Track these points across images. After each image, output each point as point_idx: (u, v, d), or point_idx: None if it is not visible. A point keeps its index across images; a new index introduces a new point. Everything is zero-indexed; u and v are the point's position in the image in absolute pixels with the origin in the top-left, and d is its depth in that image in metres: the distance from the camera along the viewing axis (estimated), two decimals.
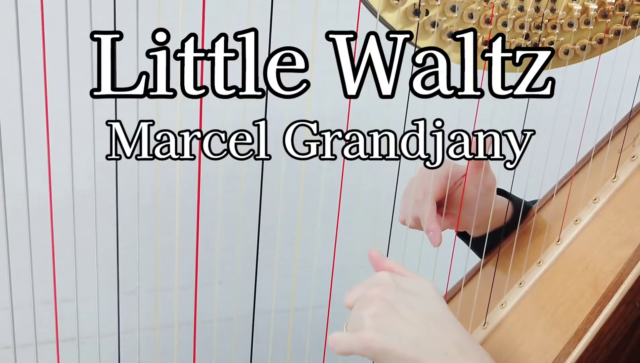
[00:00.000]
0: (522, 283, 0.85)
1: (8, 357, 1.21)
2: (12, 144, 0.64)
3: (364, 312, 0.62)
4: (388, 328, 0.61)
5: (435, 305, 0.65)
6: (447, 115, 0.68)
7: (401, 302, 0.63)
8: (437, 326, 0.63)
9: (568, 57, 0.80)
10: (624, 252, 0.78)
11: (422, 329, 0.62)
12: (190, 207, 0.75)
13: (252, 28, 0.61)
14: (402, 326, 0.61)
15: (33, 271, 0.70)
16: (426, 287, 0.66)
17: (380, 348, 0.61)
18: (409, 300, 0.63)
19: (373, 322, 0.61)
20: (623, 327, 0.74)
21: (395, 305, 0.62)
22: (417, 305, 0.63)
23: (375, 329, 0.61)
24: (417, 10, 0.72)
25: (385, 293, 0.63)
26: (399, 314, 0.62)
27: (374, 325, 0.61)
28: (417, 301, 0.64)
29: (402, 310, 0.62)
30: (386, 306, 0.62)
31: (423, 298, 0.64)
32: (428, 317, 0.63)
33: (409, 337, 0.61)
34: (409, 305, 0.63)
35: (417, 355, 0.61)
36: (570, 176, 0.93)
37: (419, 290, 0.65)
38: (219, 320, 1.29)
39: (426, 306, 0.64)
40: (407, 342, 0.61)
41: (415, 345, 0.61)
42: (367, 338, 0.61)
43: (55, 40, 0.61)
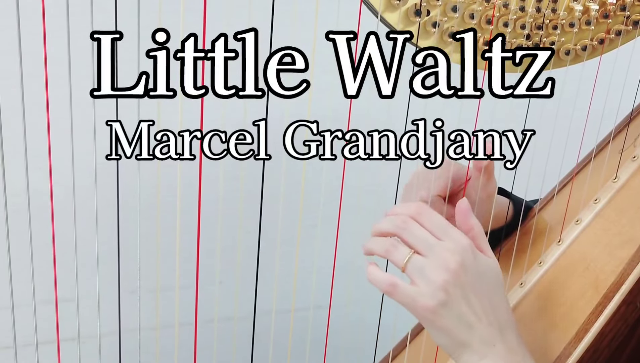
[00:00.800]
0: (523, 284, 0.85)
1: (9, 357, 1.21)
2: (13, 144, 0.64)
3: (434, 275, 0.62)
4: (453, 306, 0.62)
5: (498, 295, 0.65)
6: (447, 115, 0.68)
7: (472, 286, 0.63)
8: (494, 317, 0.63)
9: (569, 57, 0.80)
10: (624, 252, 0.78)
11: (481, 318, 0.63)
12: (190, 207, 0.75)
13: (252, 28, 0.61)
14: (465, 309, 0.62)
15: (34, 270, 0.70)
16: (495, 273, 0.66)
17: (437, 321, 0.62)
18: (479, 286, 0.63)
19: (441, 294, 0.61)
20: (624, 327, 0.74)
21: (467, 287, 0.62)
22: (484, 293, 0.63)
23: (441, 303, 0.61)
24: (419, 11, 0.72)
25: (464, 269, 0.63)
26: (467, 297, 0.62)
27: (441, 298, 0.61)
28: (485, 288, 0.64)
29: (470, 294, 0.62)
30: (460, 285, 0.62)
31: (490, 285, 0.65)
32: (489, 307, 0.63)
33: (467, 322, 0.62)
34: (478, 291, 0.63)
35: (468, 340, 0.62)
36: (571, 177, 0.93)
37: (489, 274, 0.65)
38: (219, 320, 1.29)
39: (491, 296, 0.64)
40: (464, 326, 0.62)
41: (470, 330, 0.62)
42: (431, 307, 0.61)
43: (56, 40, 0.61)
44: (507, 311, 0.65)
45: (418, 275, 0.63)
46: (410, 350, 0.90)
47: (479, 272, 0.64)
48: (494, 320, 0.63)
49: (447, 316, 0.61)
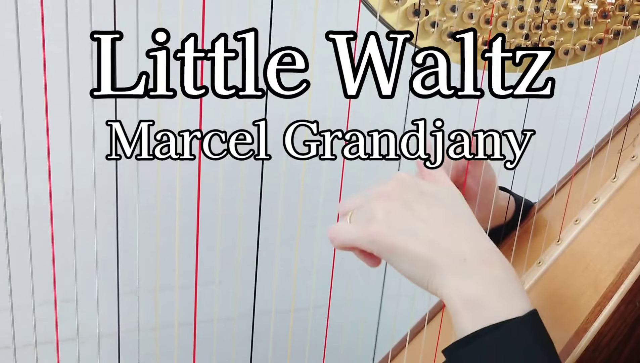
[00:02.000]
0: (522, 283, 0.85)
1: (8, 357, 1.21)
2: (12, 145, 0.64)
3: (375, 204, 0.59)
4: (401, 225, 0.58)
5: (457, 208, 0.61)
6: (447, 115, 0.68)
7: (419, 202, 0.59)
8: (457, 228, 0.58)
9: (568, 57, 0.80)
10: (624, 252, 0.78)
11: (439, 230, 0.57)
12: (190, 207, 0.75)
13: (252, 28, 0.61)
14: (417, 224, 0.57)
15: (33, 271, 0.70)
16: (449, 191, 0.62)
17: (389, 243, 0.57)
18: (428, 200, 0.59)
19: (385, 215, 0.58)
20: (623, 327, 0.74)
21: (412, 204, 0.58)
22: (437, 206, 0.59)
23: (386, 222, 0.58)
24: (417, 11, 0.72)
25: (402, 191, 0.59)
26: (416, 213, 0.58)
27: (385, 219, 0.58)
28: (437, 202, 0.60)
29: (419, 209, 0.58)
30: (402, 204, 0.58)
31: (444, 200, 0.61)
32: (448, 219, 0.59)
33: (424, 236, 0.57)
34: (428, 205, 0.59)
35: (431, 256, 0.56)
36: (570, 176, 0.93)
37: (440, 193, 0.61)
38: (219, 320, 1.29)
39: (447, 208, 0.60)
40: (421, 241, 0.57)
41: (430, 245, 0.57)
42: (375, 230, 0.58)
43: (55, 40, 0.61)
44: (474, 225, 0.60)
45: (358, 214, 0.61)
46: (410, 350, 0.90)
47: (423, 191, 0.60)
48: (459, 234, 0.58)
49: (397, 233, 0.57)
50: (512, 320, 0.55)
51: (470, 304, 0.56)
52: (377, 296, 0.79)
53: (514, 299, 0.57)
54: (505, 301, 0.57)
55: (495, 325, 0.55)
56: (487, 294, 0.56)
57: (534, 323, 0.57)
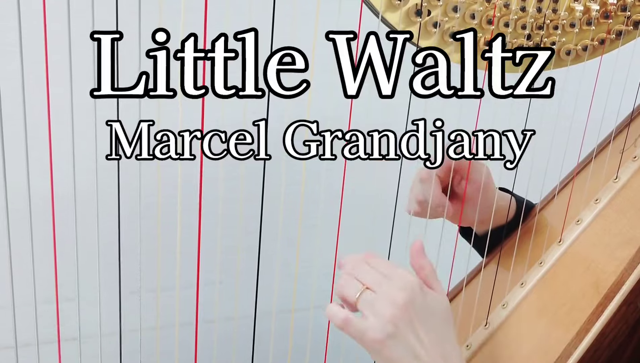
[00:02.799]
0: (523, 284, 0.85)
1: (10, 357, 1.21)
2: (14, 144, 0.64)
3: (384, 309, 0.64)
4: (400, 339, 0.63)
5: (445, 329, 0.67)
6: (447, 115, 0.68)
7: (420, 319, 0.65)
8: (440, 349, 0.65)
9: (570, 57, 0.80)
10: (625, 253, 0.78)
11: (428, 350, 0.64)
12: (191, 207, 0.75)
13: (252, 28, 0.61)
14: (412, 342, 0.64)
15: (35, 270, 0.70)
16: (444, 308, 0.68)
17: (385, 352, 0.63)
18: (427, 320, 0.65)
19: (390, 328, 0.63)
20: (624, 327, 0.74)
21: (414, 321, 0.64)
22: (432, 327, 0.65)
23: (389, 335, 0.63)
24: (419, 11, 0.72)
25: (412, 304, 0.64)
26: (415, 330, 0.64)
27: (389, 331, 0.63)
28: (432, 322, 0.66)
29: (418, 326, 0.64)
30: (407, 318, 0.64)
31: (438, 319, 0.66)
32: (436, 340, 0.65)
33: (414, 354, 0.64)
34: (426, 325, 0.65)
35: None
36: (572, 177, 0.93)
37: (438, 310, 0.67)
38: (220, 320, 1.29)
39: (438, 330, 0.66)
40: (411, 357, 0.64)
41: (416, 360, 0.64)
42: (379, 339, 0.63)
43: (56, 41, 0.61)
44: (453, 345, 0.67)
45: (368, 309, 0.65)
46: None
47: (427, 307, 0.66)
48: (441, 353, 0.65)
49: (394, 348, 0.63)
50: None
51: None
52: None
53: None
54: None
55: None
56: None
57: None
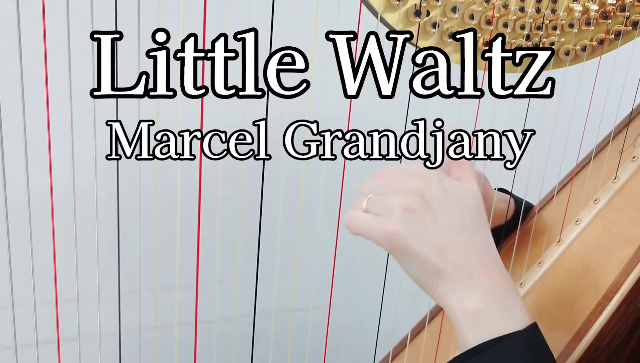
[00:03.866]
0: (522, 284, 0.85)
1: (9, 357, 1.21)
2: (14, 144, 0.64)
3: (395, 199, 0.57)
4: (418, 227, 0.57)
5: (474, 216, 0.60)
6: (447, 115, 0.68)
7: (439, 204, 0.58)
8: (469, 239, 0.58)
9: (569, 58, 0.80)
10: (624, 253, 0.78)
11: (452, 239, 0.57)
12: (191, 207, 0.75)
13: (252, 28, 0.61)
14: (433, 230, 0.57)
15: (34, 270, 0.70)
16: (471, 194, 0.61)
17: (402, 244, 0.56)
18: (448, 203, 0.58)
19: (404, 214, 0.56)
20: (623, 327, 0.74)
21: (432, 205, 0.57)
22: (455, 212, 0.58)
23: (404, 223, 0.56)
24: (418, 11, 0.72)
25: (425, 188, 0.58)
26: (434, 216, 0.57)
27: (403, 218, 0.56)
28: (456, 207, 0.59)
29: (438, 213, 0.57)
30: (422, 204, 0.57)
31: (463, 205, 0.59)
32: (462, 227, 0.58)
33: (437, 244, 0.57)
34: (447, 209, 0.58)
35: (440, 265, 0.57)
36: (571, 177, 0.93)
37: (462, 195, 0.60)
38: (219, 320, 1.29)
39: (464, 216, 0.59)
40: (433, 248, 0.56)
41: (442, 254, 0.57)
42: (391, 229, 0.56)
43: (56, 40, 0.61)
44: (486, 237, 0.60)
45: (377, 205, 0.59)
46: (410, 350, 0.90)
47: (445, 189, 0.59)
48: (470, 244, 0.58)
49: (410, 235, 0.56)
50: (513, 334, 0.56)
51: (472, 316, 0.57)
52: (378, 296, 0.79)
53: (515, 313, 0.58)
54: (506, 314, 0.57)
55: (497, 338, 0.56)
56: (490, 307, 0.57)
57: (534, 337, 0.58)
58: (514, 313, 0.58)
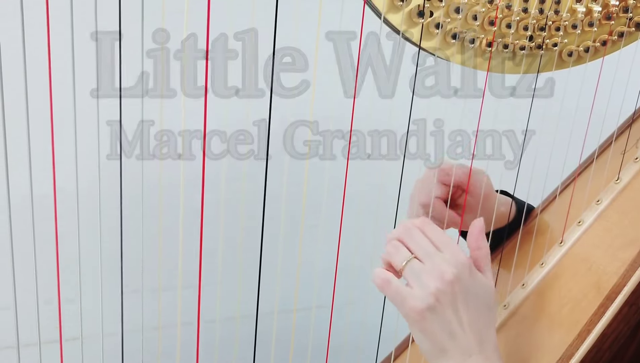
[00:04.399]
0: (525, 284, 0.85)
1: (11, 357, 1.21)
2: (16, 144, 0.65)
3: (430, 282, 0.64)
4: (440, 313, 0.64)
5: (487, 314, 0.67)
6: (448, 116, 0.68)
7: (463, 299, 0.65)
8: (477, 332, 0.65)
9: (571, 59, 0.80)
10: (627, 254, 0.77)
11: (465, 329, 0.65)
12: (193, 207, 0.75)
13: (252, 28, 0.61)
14: (451, 318, 0.64)
15: (36, 270, 0.70)
16: (489, 294, 0.68)
17: (423, 325, 0.64)
18: (470, 301, 0.65)
19: (432, 300, 0.63)
20: (626, 328, 0.74)
21: (458, 298, 0.64)
22: (473, 309, 0.65)
23: (430, 307, 0.63)
24: (422, 12, 0.72)
25: (458, 282, 0.65)
26: (456, 308, 0.64)
27: (431, 303, 0.64)
28: (475, 305, 0.66)
29: (460, 305, 0.64)
30: (451, 295, 0.64)
31: (480, 303, 0.66)
32: (475, 322, 0.65)
33: (451, 330, 0.64)
34: (468, 306, 0.65)
35: (448, 347, 0.64)
36: (573, 178, 0.92)
37: (482, 294, 0.67)
38: (221, 320, 1.29)
39: (479, 313, 0.66)
40: (447, 333, 0.64)
41: (452, 339, 0.64)
42: (419, 309, 0.63)
43: (58, 41, 0.61)
44: (491, 331, 0.67)
45: (414, 278, 0.65)
46: (412, 350, 0.90)
47: (472, 289, 0.66)
48: (477, 335, 0.65)
49: (432, 322, 0.64)
50: None
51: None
52: (380, 296, 0.78)
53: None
54: None
55: None
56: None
57: None
58: None
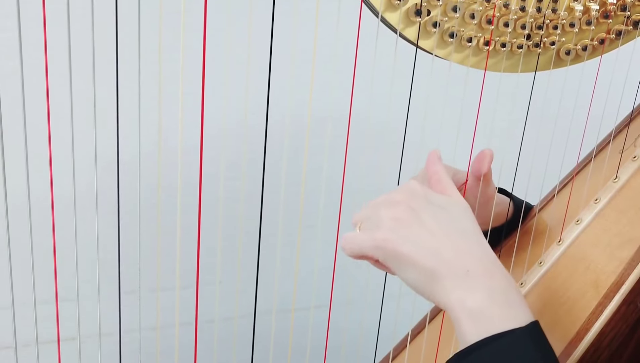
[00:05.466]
0: (523, 283, 0.85)
1: (9, 357, 1.21)
2: (14, 144, 0.64)
3: (383, 212, 0.60)
4: (407, 233, 0.58)
5: (463, 221, 0.61)
6: (447, 115, 0.68)
7: (427, 212, 0.59)
8: (461, 241, 0.59)
9: (569, 57, 0.80)
10: (625, 253, 0.78)
11: (443, 241, 0.58)
12: (191, 207, 0.75)
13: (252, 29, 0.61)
14: (423, 234, 0.58)
15: (34, 270, 0.70)
16: (458, 205, 0.62)
17: (393, 250, 0.58)
18: (435, 211, 0.60)
19: (392, 223, 0.59)
20: (624, 327, 0.74)
21: (420, 213, 0.59)
22: (444, 218, 0.60)
23: (392, 230, 0.59)
24: (419, 11, 0.72)
25: (411, 200, 0.60)
26: (422, 222, 0.59)
27: (392, 226, 0.59)
28: (444, 214, 0.60)
29: (426, 219, 0.59)
30: (409, 213, 0.59)
31: (451, 213, 0.61)
32: (453, 231, 0.59)
33: (429, 246, 0.58)
34: (435, 216, 0.59)
35: (434, 266, 0.57)
36: (572, 177, 0.93)
37: (448, 205, 0.62)
38: (219, 320, 1.29)
39: (453, 221, 0.60)
40: (426, 250, 0.58)
41: (434, 255, 0.58)
42: (381, 236, 0.58)
43: (56, 40, 0.61)
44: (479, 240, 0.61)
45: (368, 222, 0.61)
46: (411, 350, 0.90)
47: (431, 201, 0.61)
48: (462, 246, 0.59)
49: (401, 240, 0.58)
50: (514, 331, 0.56)
51: (472, 315, 0.57)
52: (378, 296, 0.79)
53: (516, 310, 0.58)
54: (507, 312, 0.57)
55: (497, 335, 0.56)
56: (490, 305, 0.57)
57: (535, 334, 0.57)
58: (516, 310, 0.58)
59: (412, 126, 0.69)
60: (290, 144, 0.65)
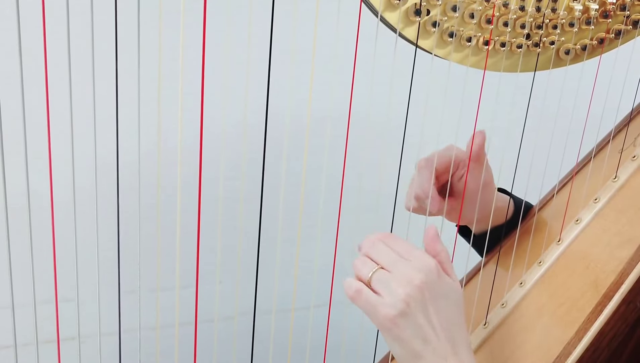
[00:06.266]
0: (522, 283, 0.85)
1: (9, 357, 1.21)
2: (14, 143, 0.64)
3: (400, 290, 0.64)
4: (411, 319, 0.64)
5: (456, 314, 0.67)
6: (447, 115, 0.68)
7: (434, 302, 0.65)
8: (449, 335, 0.66)
9: (569, 57, 0.80)
10: (624, 252, 0.78)
11: (437, 333, 0.65)
12: (191, 206, 0.75)
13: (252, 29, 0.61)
14: (423, 323, 0.64)
15: (34, 270, 0.70)
16: (457, 295, 0.68)
17: (396, 332, 0.64)
18: (440, 304, 0.66)
19: (404, 305, 0.64)
20: (624, 327, 0.74)
21: (427, 303, 0.65)
22: (444, 312, 0.66)
23: (401, 313, 0.64)
24: (418, 10, 0.72)
25: (427, 286, 0.65)
26: (427, 312, 0.65)
27: (402, 309, 0.64)
28: (445, 307, 0.66)
29: (431, 310, 0.65)
30: (421, 300, 0.64)
31: (450, 305, 0.67)
32: (446, 325, 0.66)
33: (423, 335, 0.64)
34: (438, 309, 0.65)
35: (422, 352, 0.64)
36: (571, 176, 0.93)
37: (451, 296, 0.67)
38: (219, 320, 1.29)
39: (450, 315, 0.66)
40: (420, 338, 0.64)
41: (425, 343, 0.64)
42: (391, 316, 0.63)
43: (56, 40, 0.61)
44: (463, 332, 0.68)
45: (382, 287, 0.65)
46: None
47: (441, 292, 0.66)
48: (450, 337, 0.66)
49: (405, 327, 0.64)
50: None
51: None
52: None
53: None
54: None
55: None
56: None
57: None
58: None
59: (412, 125, 0.69)
60: (290, 144, 0.65)
